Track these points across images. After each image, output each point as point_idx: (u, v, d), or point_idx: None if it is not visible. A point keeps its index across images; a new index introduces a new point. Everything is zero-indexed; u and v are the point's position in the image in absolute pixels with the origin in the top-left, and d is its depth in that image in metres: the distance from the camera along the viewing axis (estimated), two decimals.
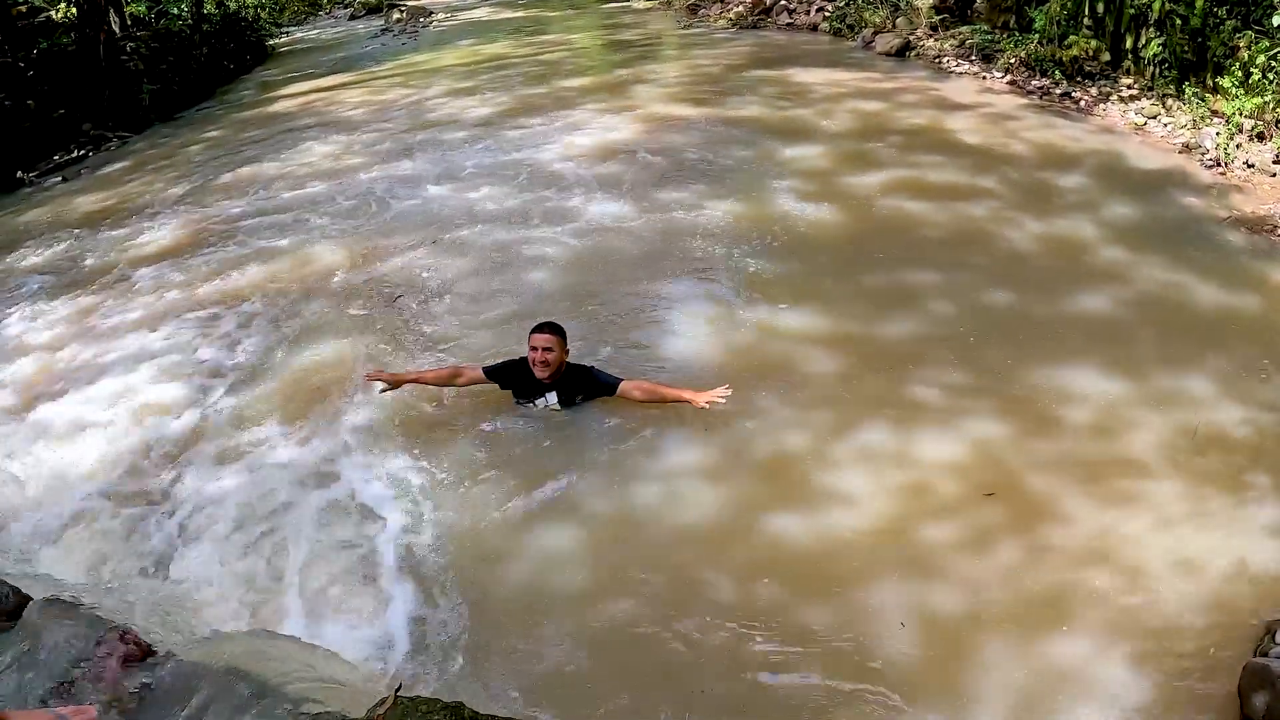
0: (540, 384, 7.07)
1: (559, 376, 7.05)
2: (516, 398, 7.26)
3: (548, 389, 7.11)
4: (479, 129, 15.74)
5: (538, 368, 6.92)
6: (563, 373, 7.05)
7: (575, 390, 7.11)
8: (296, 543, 6.21)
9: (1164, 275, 8.79)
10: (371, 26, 34.04)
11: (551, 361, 6.89)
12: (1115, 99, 14.21)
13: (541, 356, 6.88)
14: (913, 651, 5.02)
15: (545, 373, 6.94)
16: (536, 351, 6.89)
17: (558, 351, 6.92)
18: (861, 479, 6.28)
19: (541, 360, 6.88)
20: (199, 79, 23.63)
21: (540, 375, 6.97)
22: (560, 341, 6.95)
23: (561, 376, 7.06)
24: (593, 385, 7.09)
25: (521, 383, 7.17)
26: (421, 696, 4.28)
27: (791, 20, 22.66)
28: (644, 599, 5.50)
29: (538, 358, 6.89)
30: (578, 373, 7.12)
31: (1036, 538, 5.70)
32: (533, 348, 6.92)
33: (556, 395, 7.13)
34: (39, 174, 17.25)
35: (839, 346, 7.85)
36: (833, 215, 10.50)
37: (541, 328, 7.00)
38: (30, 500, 7.05)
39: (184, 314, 9.68)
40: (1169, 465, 6.27)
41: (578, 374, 7.11)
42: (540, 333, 6.95)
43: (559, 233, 10.68)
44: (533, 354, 6.92)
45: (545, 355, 6.87)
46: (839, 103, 15.13)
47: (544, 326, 7.02)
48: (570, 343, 7.17)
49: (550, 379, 7.01)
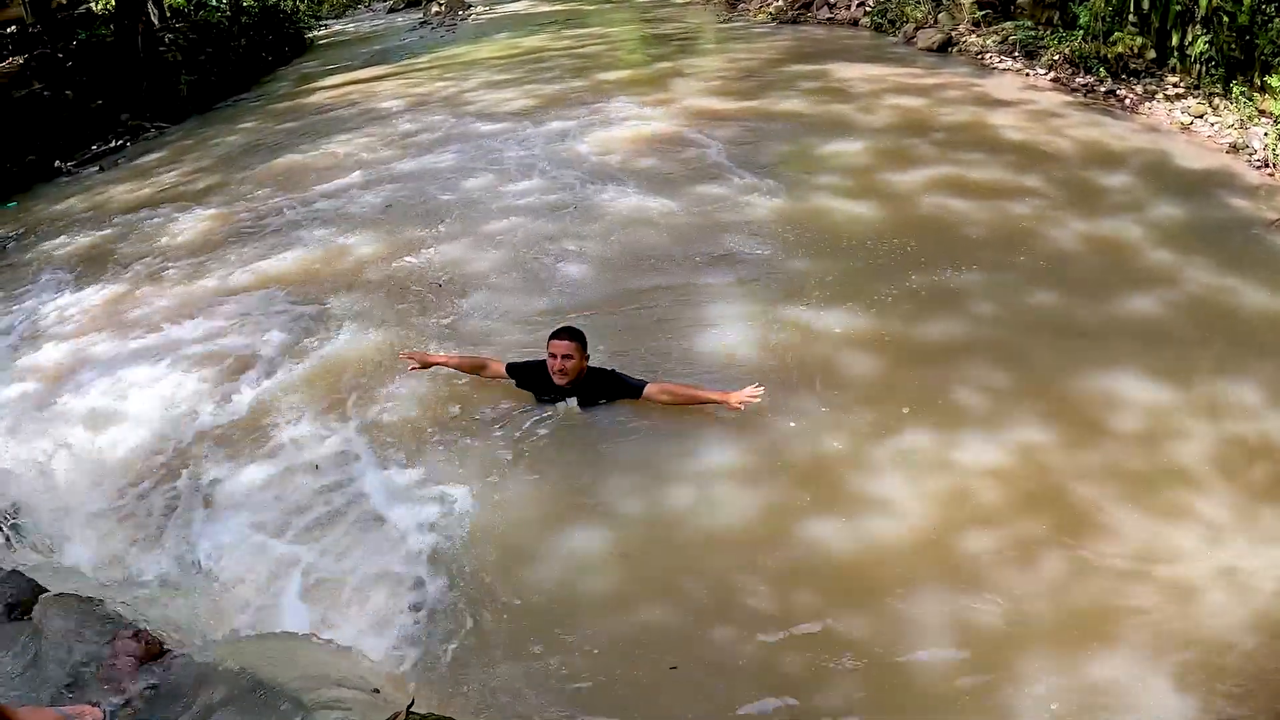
0: (560, 390, 6.98)
1: (579, 382, 6.95)
2: (537, 398, 7.17)
3: (567, 393, 7.01)
4: (516, 122, 15.66)
5: (556, 375, 6.85)
6: (583, 378, 6.96)
7: (597, 394, 7.02)
8: (318, 541, 6.16)
9: (1211, 278, 8.59)
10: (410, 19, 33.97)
11: (569, 370, 6.81)
12: (1161, 97, 13.95)
13: (560, 365, 6.80)
14: (952, 665, 4.90)
15: (563, 380, 6.87)
16: (555, 359, 6.81)
17: (576, 359, 6.83)
18: (901, 484, 6.16)
19: (560, 369, 6.81)
20: (237, 70, 23.69)
21: (559, 382, 6.89)
22: (579, 349, 6.86)
23: (582, 381, 6.96)
24: (617, 388, 6.98)
25: (541, 385, 7.09)
26: (434, 715, 4.18)
27: (832, 15, 22.44)
28: (676, 606, 5.40)
29: (556, 365, 6.81)
30: (600, 377, 7.02)
31: (1080, 549, 5.56)
32: (551, 355, 6.83)
33: (577, 400, 7.04)
34: (77, 163, 17.33)
35: (879, 347, 7.71)
36: (873, 213, 10.36)
37: (560, 333, 6.90)
38: (52, 490, 7.05)
39: (215, 305, 9.69)
40: (1218, 476, 6.10)
41: (600, 378, 7.01)
42: (559, 339, 6.86)
43: (595, 227, 10.59)
44: (552, 361, 6.84)
45: (564, 364, 6.79)
46: (880, 98, 14.95)
47: (563, 332, 6.92)
48: (604, 341, 7.15)
49: (569, 385, 6.92)
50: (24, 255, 12.43)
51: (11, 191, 15.84)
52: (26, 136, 17.01)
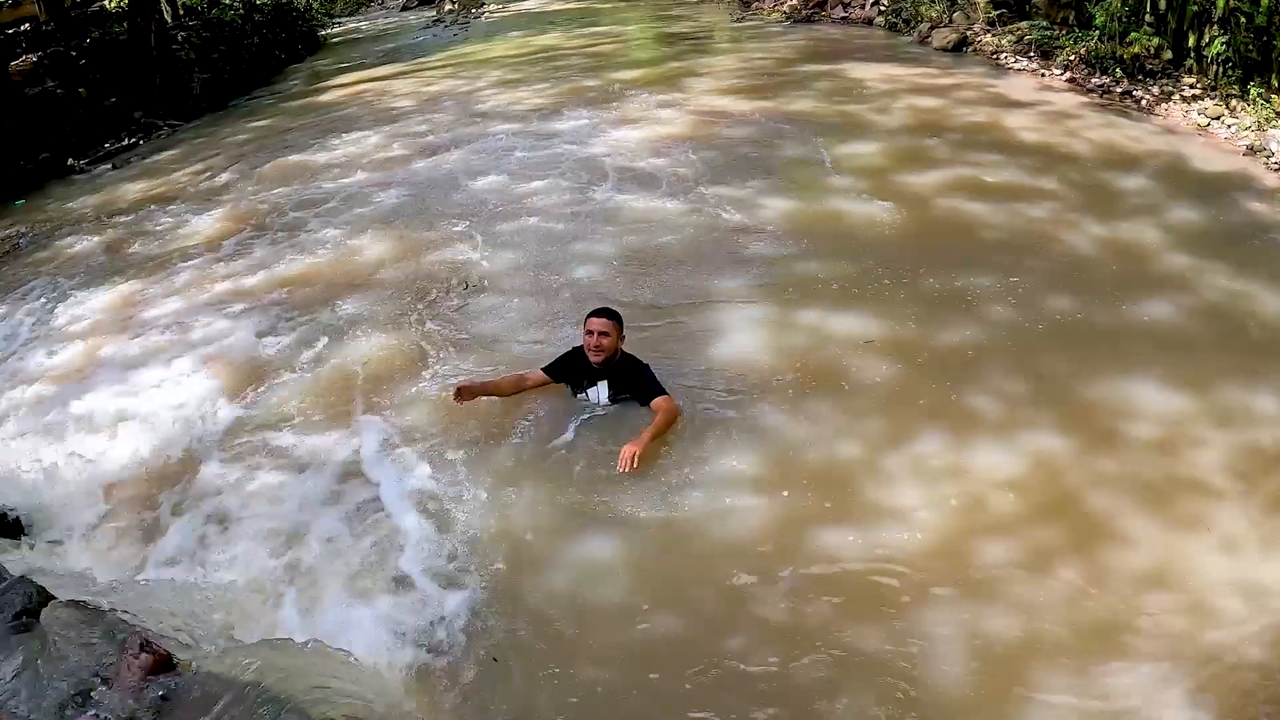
0: (594, 371, 7.04)
1: (613, 364, 7.01)
2: (573, 390, 7.23)
3: (600, 377, 7.06)
4: (529, 121, 15.67)
5: (592, 353, 6.91)
6: (617, 361, 7.02)
7: (625, 385, 7.03)
8: (329, 548, 6.12)
9: (1229, 283, 8.51)
10: (423, 17, 34.05)
11: (606, 347, 6.88)
12: (1177, 98, 13.88)
13: (596, 341, 6.87)
14: (966, 678, 4.84)
15: (599, 357, 6.92)
16: (592, 336, 6.88)
17: (613, 336, 6.90)
18: (915, 493, 6.10)
19: (596, 345, 6.87)
20: (250, 68, 23.78)
21: (594, 360, 6.95)
22: (616, 326, 6.94)
23: (615, 365, 7.02)
24: (639, 386, 6.97)
25: (577, 372, 7.16)
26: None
27: (846, 14, 22.40)
28: (689, 615, 5.36)
29: (592, 342, 6.88)
30: (632, 367, 7.03)
31: (1095, 560, 5.50)
32: (588, 331, 6.92)
33: (608, 385, 7.07)
34: (90, 161, 17.41)
35: (893, 352, 7.65)
36: (888, 215, 10.30)
37: (598, 312, 7.00)
38: (61, 493, 7.04)
39: (227, 305, 9.69)
40: (1235, 486, 6.03)
41: (631, 368, 7.03)
42: (596, 317, 6.95)
43: (608, 228, 10.58)
44: (588, 339, 6.91)
45: (600, 340, 6.86)
46: (894, 99, 14.90)
47: (600, 311, 7.01)
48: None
49: (602, 365, 6.98)
50: (37, 253, 12.47)
51: (25, 189, 15.90)
52: (40, 134, 17.09)
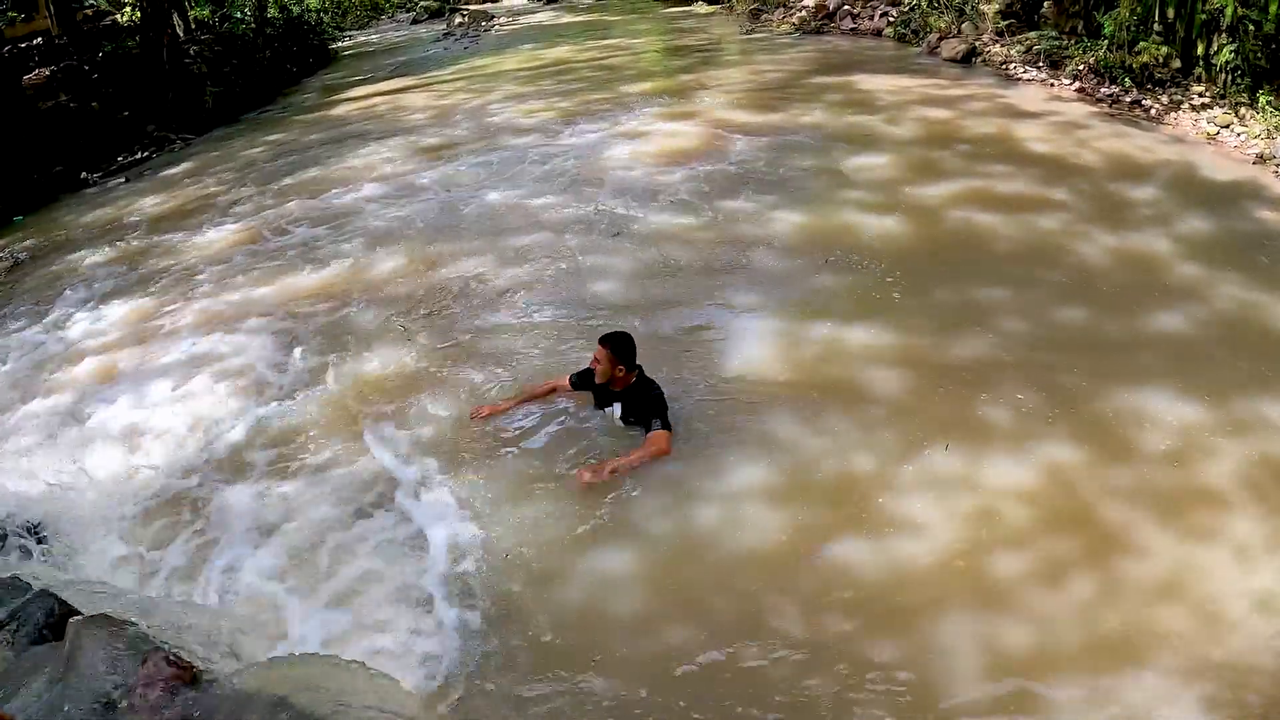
0: (609, 393, 7.17)
1: (627, 389, 7.10)
2: (596, 404, 7.36)
3: (615, 398, 7.16)
4: (540, 134, 15.73)
5: (597, 375, 7.08)
6: (630, 386, 7.08)
7: (634, 409, 7.06)
8: (348, 561, 6.15)
9: (1240, 293, 8.52)
10: (433, 30, 34.18)
11: (600, 374, 7.04)
12: (1187, 107, 13.90)
13: (590, 364, 7.13)
14: (980, 690, 4.86)
15: (601, 380, 7.08)
16: (593, 361, 7.07)
17: (605, 364, 6.99)
18: (929, 504, 6.11)
19: (595, 369, 7.07)
20: (262, 82, 23.89)
21: (598, 381, 7.12)
22: (609, 356, 6.98)
23: (629, 390, 7.09)
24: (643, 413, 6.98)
25: (594, 388, 7.31)
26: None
27: (855, 25, 22.44)
28: (704, 627, 5.37)
29: (591, 364, 7.12)
30: (646, 394, 7.04)
31: (1109, 571, 5.51)
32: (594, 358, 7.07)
33: (621, 406, 7.15)
34: (103, 175, 17.53)
35: (906, 364, 7.67)
36: (899, 227, 10.33)
37: (602, 339, 7.10)
38: (82, 508, 7.05)
39: (241, 319, 9.74)
40: (1249, 497, 6.03)
41: (644, 395, 7.03)
42: (600, 343, 7.06)
43: (620, 242, 10.61)
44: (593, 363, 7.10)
45: (593, 364, 7.07)
46: (904, 110, 14.94)
47: (603, 338, 7.10)
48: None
49: (615, 388, 7.11)
50: (50, 267, 12.54)
51: (38, 202, 16.01)
52: (53, 148, 17.22)
